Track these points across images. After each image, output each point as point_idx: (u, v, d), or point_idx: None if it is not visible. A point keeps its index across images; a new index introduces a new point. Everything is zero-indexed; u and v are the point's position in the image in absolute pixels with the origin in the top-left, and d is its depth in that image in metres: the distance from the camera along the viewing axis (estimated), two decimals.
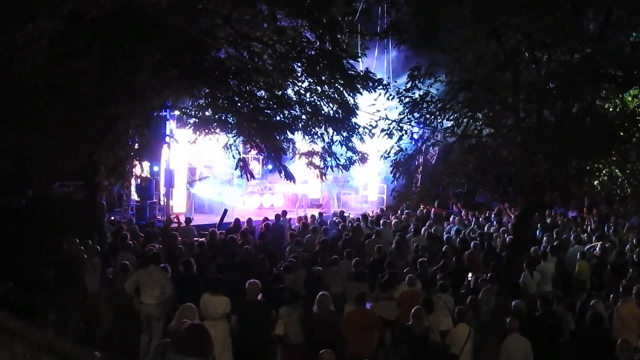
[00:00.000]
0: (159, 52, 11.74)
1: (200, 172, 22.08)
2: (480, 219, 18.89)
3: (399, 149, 10.06)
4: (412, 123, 10.07)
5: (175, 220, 17.23)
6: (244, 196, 22.23)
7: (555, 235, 15.52)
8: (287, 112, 13.71)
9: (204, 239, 14.54)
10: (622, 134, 8.31)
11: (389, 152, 10.14)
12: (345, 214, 19.05)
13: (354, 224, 16.28)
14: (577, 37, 8.41)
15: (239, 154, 15.10)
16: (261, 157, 19.67)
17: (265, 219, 16.35)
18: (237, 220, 15.89)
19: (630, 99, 9.66)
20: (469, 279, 11.93)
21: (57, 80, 11.19)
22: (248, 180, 16.76)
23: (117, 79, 11.51)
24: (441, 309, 9.98)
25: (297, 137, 14.62)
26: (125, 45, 10.89)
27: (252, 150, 15.91)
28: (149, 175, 19.27)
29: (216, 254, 12.98)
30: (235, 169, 15.19)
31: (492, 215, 19.27)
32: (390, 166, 10.11)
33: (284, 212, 17.49)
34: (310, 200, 24.79)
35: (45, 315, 10.18)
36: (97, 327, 10.62)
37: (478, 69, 8.97)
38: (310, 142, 14.41)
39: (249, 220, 16.15)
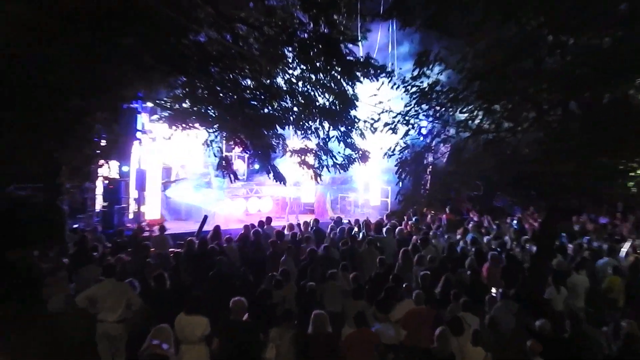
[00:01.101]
0: (132, 35, 11.78)
1: (176, 173, 22.11)
2: (500, 226, 18.94)
3: (404, 145, 10.14)
4: (420, 116, 10.15)
5: (148, 228, 17.24)
6: (227, 200, 22.27)
7: (586, 245, 15.58)
8: (277, 104, 13.74)
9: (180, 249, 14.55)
10: None
11: (394, 149, 10.22)
12: (344, 221, 19.07)
13: (358, 234, 16.27)
14: (607, 18, 8.51)
15: (221, 152, 15.13)
16: (246, 156, 19.76)
17: (253, 225, 16.39)
18: (216, 228, 15.70)
19: None
20: (493, 294, 11.96)
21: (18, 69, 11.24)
22: (231, 182, 16.76)
23: (84, 66, 11.55)
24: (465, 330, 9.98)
25: (288, 132, 14.70)
26: (97, 28, 10.93)
27: (236, 147, 15.96)
28: (117, 177, 19.33)
29: (195, 267, 13.00)
30: (217, 169, 15.23)
31: (514, 222, 19.31)
32: (395, 165, 10.19)
33: (269, 219, 17.41)
34: (303, 205, 24.86)
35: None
36: (62, 349, 10.65)
37: (494, 55, 9.05)
38: (303, 138, 14.49)
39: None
